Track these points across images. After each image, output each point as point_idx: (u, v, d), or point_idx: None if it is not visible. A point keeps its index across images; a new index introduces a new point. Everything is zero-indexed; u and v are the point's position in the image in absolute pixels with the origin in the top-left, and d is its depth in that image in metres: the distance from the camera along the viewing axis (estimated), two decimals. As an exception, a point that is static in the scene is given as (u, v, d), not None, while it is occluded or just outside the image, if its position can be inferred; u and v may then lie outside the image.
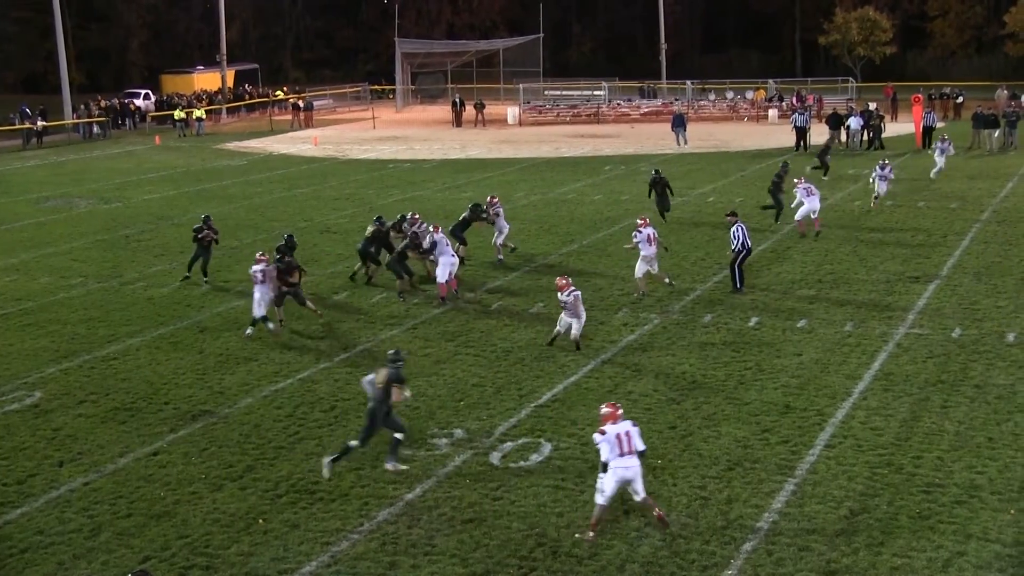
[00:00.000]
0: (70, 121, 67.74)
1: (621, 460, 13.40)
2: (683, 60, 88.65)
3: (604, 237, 31.85)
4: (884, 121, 53.98)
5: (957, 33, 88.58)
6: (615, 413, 13.75)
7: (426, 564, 13.12)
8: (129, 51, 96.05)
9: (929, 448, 16.00)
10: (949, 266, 26.91)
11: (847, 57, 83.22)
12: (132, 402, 19.10)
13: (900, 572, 12.60)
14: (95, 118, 68.34)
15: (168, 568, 13.03)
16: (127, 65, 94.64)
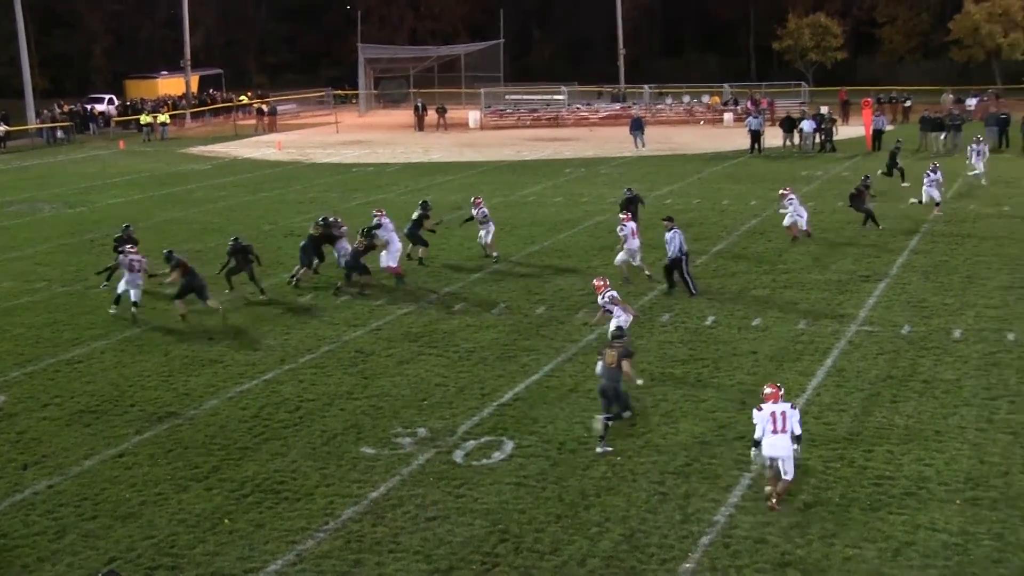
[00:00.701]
0: (34, 126, 67.11)
1: (772, 437, 13.89)
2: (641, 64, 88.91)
3: (565, 238, 31.92)
4: (836, 124, 54.39)
5: (905, 39, 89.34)
6: (776, 393, 14.21)
7: (391, 561, 13.11)
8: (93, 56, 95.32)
9: (880, 442, 16.15)
10: (898, 265, 27.15)
11: (800, 62, 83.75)
12: (97, 405, 18.96)
13: (852, 562, 12.72)
14: (59, 123, 67.76)
15: (134, 569, 12.94)
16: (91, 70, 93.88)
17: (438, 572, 12.83)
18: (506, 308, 24.27)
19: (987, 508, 13.96)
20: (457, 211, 35.23)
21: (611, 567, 12.81)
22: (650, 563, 12.86)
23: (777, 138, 53.06)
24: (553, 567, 12.85)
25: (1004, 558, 12.76)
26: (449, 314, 23.99)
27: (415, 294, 25.75)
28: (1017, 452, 15.63)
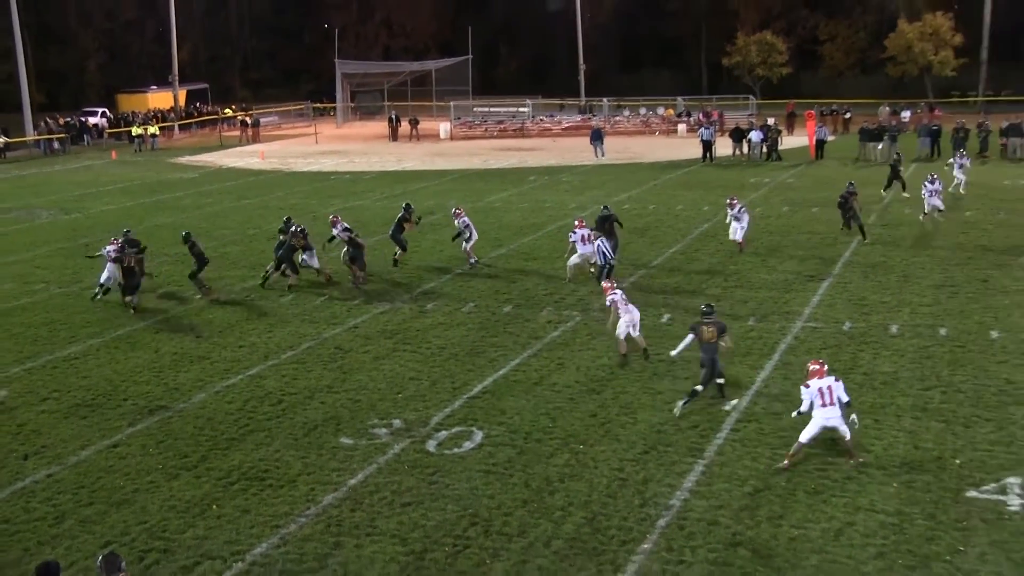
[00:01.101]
0: (31, 137, 66.68)
1: (823, 410, 14.64)
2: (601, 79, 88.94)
3: (530, 241, 31.95)
4: (781, 135, 54.67)
5: (844, 56, 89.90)
6: (821, 370, 14.92)
7: (368, 544, 13.11)
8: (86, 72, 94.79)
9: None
10: (840, 265, 27.31)
11: (748, 77, 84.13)
12: (93, 398, 18.88)
13: (797, 542, 12.82)
14: (55, 135, 67.31)
15: (128, 552, 12.89)
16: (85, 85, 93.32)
17: (413, 554, 12.83)
18: (475, 307, 24.28)
19: (921, 490, 14.10)
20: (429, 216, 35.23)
21: (574, 548, 12.85)
22: (610, 544, 12.92)
23: (727, 147, 53.30)
24: (520, 549, 12.88)
25: (936, 536, 12.90)
26: (422, 313, 23.98)
27: (390, 294, 25.72)
28: (949, 438, 15.78)
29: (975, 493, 14.00)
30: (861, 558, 12.43)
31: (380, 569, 12.54)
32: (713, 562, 12.43)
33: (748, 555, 12.56)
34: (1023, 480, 14.33)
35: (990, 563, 12.28)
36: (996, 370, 18.81)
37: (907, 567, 12.23)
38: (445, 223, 32.68)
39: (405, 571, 12.48)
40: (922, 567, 12.22)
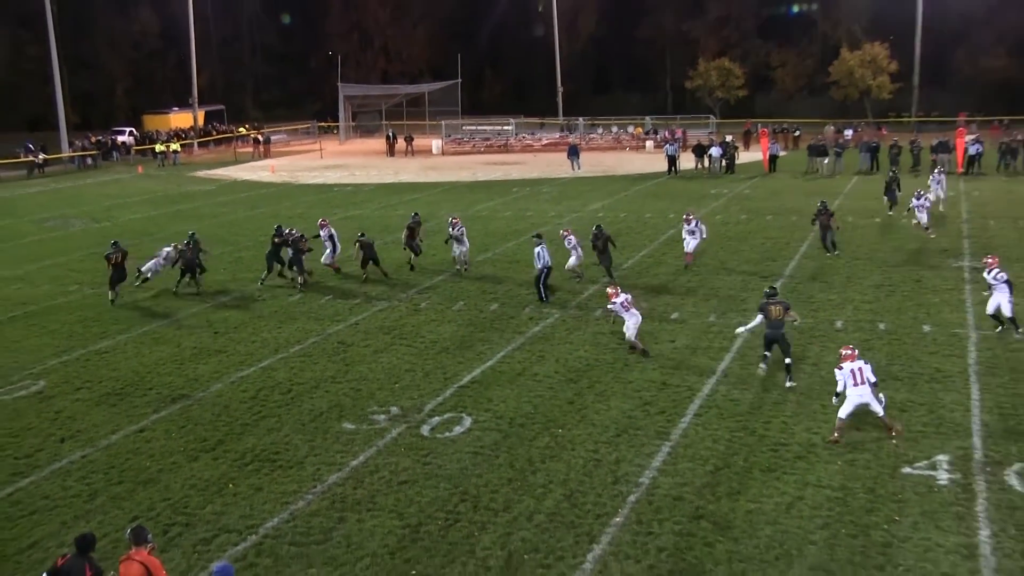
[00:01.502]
0: (66, 154, 66.43)
1: (855, 389, 15.08)
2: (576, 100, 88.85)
3: (513, 246, 31.96)
4: (738, 150, 54.77)
5: (794, 80, 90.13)
6: (852, 355, 15.36)
7: (369, 518, 13.12)
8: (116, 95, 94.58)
9: (776, 414, 16.33)
10: (791, 267, 27.41)
11: (708, 99, 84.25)
12: (121, 388, 18.84)
13: (753, 514, 12.87)
14: (87, 151, 67.05)
15: (154, 525, 12.88)
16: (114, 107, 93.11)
17: (409, 527, 12.84)
18: (464, 305, 24.28)
19: (862, 467, 14.18)
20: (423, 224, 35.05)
21: (554, 522, 12.88)
22: (586, 518, 12.95)
23: (690, 162, 53.39)
24: (505, 522, 12.90)
25: (875, 508, 12.98)
26: (416, 311, 23.96)
27: (388, 294, 25.70)
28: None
29: (909, 469, 14.09)
30: (809, 528, 12.50)
31: (380, 541, 12.54)
32: (678, 533, 12.48)
33: (709, 527, 12.61)
34: (951, 457, 14.44)
35: (921, 531, 12.37)
36: (928, 360, 18.92)
37: (850, 535, 12.30)
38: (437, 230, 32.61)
39: (402, 543, 12.49)
40: (863, 535, 12.30)
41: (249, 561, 12.16)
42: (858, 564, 11.67)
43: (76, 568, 9.96)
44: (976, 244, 29.97)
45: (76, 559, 10.04)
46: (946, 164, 48.55)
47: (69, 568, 9.97)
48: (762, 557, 11.87)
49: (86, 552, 10.09)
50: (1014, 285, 20.67)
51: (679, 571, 11.63)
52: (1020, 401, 16.66)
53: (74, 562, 10.02)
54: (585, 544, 12.29)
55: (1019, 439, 15.09)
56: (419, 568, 11.89)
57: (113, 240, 27.43)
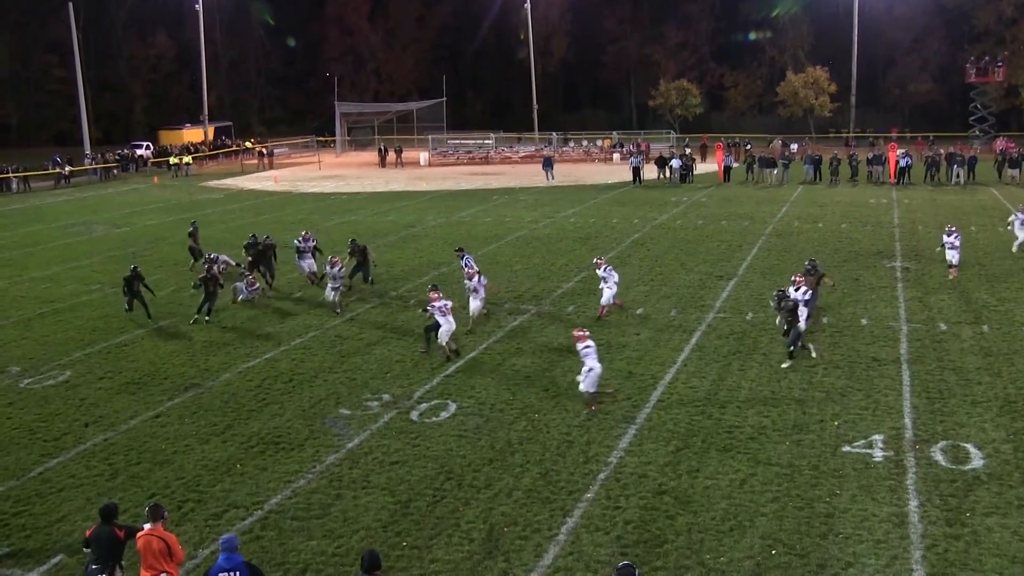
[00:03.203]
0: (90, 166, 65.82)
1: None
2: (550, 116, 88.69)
3: (493, 249, 31.88)
4: (695, 162, 54.86)
5: (745, 99, 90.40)
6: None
7: (363, 495, 13.06)
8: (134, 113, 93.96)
9: (731, 400, 16.37)
10: (744, 267, 27.50)
11: (668, 115, 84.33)
12: (139, 378, 18.66)
13: (710, 490, 12.89)
14: (109, 164, 66.50)
15: (169, 502, 12.79)
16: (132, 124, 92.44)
17: (399, 504, 12.79)
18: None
19: (807, 447, 14.24)
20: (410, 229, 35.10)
21: (531, 497, 12.86)
22: (560, 494, 12.94)
23: (653, 172, 53.47)
24: (487, 498, 12.87)
25: (819, 483, 13.03)
26: (406, 308, 23.86)
27: (380, 293, 25.57)
28: (829, 405, 15.94)
29: (848, 448, 14.16)
30: (760, 502, 12.53)
31: (373, 516, 12.48)
32: (643, 507, 12.48)
33: (671, 501, 12.62)
34: (885, 437, 14.52)
35: (859, 502, 12.44)
36: (865, 350, 19.01)
37: (796, 508, 12.34)
38: (424, 235, 32.55)
39: (393, 517, 12.43)
40: (807, 507, 12.34)
41: (255, 534, 12.08)
42: (803, 533, 11.70)
43: (104, 533, 10.11)
44: (907, 247, 30.17)
45: (103, 527, 10.17)
46: (880, 175, 49.07)
47: (98, 535, 10.13)
48: (718, 528, 11.88)
49: (110, 520, 10.18)
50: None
51: (644, 541, 11.63)
52: (945, 385, 16.78)
53: (101, 529, 10.16)
54: (559, 518, 12.27)
55: (944, 419, 15.20)
56: (409, 540, 11.84)
57: (206, 260, 25.69)
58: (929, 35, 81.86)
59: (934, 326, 20.65)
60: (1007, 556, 11.11)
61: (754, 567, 10.99)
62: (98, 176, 64.87)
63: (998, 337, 19.68)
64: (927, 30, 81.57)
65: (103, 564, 10.04)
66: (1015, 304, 22.43)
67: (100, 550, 10.05)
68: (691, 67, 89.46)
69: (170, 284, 27.26)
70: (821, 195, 44.23)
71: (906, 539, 11.53)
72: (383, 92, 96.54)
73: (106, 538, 10.06)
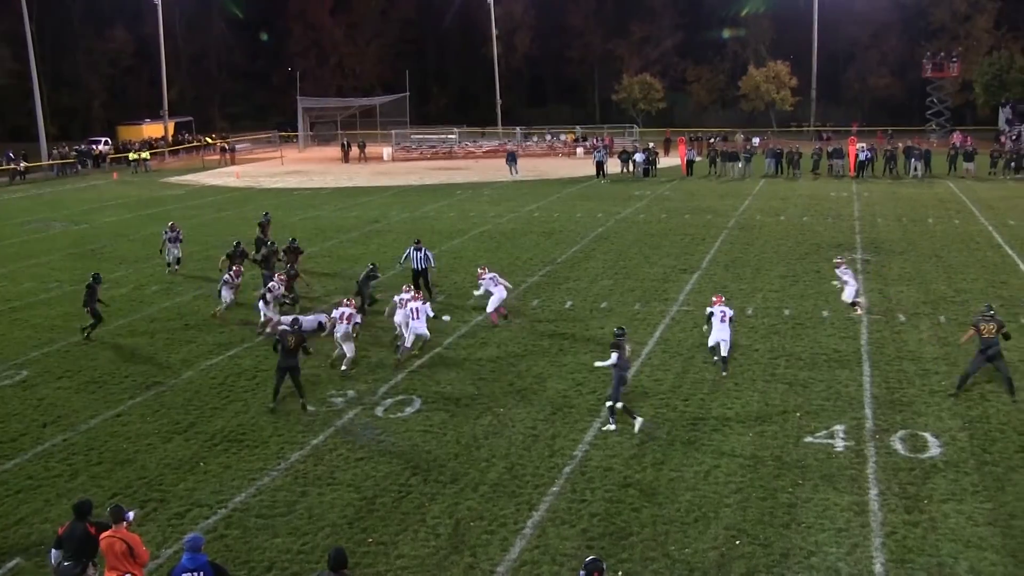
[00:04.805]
0: (46, 162, 64.67)
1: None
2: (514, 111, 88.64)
3: (458, 243, 31.84)
4: (659, 156, 55.09)
5: (708, 93, 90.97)
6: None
7: (329, 492, 13.00)
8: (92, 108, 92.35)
9: (695, 392, 16.49)
10: (707, 260, 27.67)
11: (632, 110, 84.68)
12: (100, 376, 18.40)
13: (675, 482, 12.98)
14: (66, 160, 65.46)
15: (131, 502, 12.64)
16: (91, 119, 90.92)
17: (365, 499, 12.75)
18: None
19: (770, 438, 14.38)
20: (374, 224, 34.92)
21: (497, 492, 12.88)
22: (526, 488, 12.96)
23: (616, 166, 53.66)
24: (453, 493, 12.87)
25: (781, 473, 13.16)
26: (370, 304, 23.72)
27: (344, 290, 25.36)
28: (791, 397, 16.12)
29: (811, 439, 14.32)
30: (724, 493, 12.64)
31: (339, 512, 12.43)
32: (608, 500, 12.54)
33: (636, 494, 12.69)
34: (846, 427, 14.71)
35: (821, 492, 12.59)
36: (827, 342, 19.24)
37: (759, 499, 12.46)
38: (388, 230, 32.42)
39: (359, 513, 12.39)
40: (771, 498, 12.47)
41: (219, 533, 11.98)
42: (767, 523, 11.83)
43: (78, 530, 9.99)
44: (867, 239, 30.55)
45: (76, 523, 10.05)
46: (840, 168, 49.63)
47: (71, 532, 10.01)
48: (683, 519, 11.97)
49: (84, 516, 10.06)
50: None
51: (609, 534, 11.69)
52: (904, 376, 17.03)
53: (75, 526, 10.04)
54: (525, 512, 12.30)
55: (903, 409, 15.43)
56: (375, 536, 11.81)
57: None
58: (887, 31, 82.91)
59: (893, 317, 20.94)
60: (962, 541, 11.32)
61: (718, 558, 11.09)
62: (55, 172, 63.85)
63: (955, 328, 19.98)
64: (885, 26, 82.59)
65: (76, 561, 9.94)
66: (971, 295, 22.81)
67: (73, 547, 9.95)
68: (654, 62, 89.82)
69: (131, 281, 26.91)
70: (783, 188, 44.63)
71: (866, 527, 11.69)
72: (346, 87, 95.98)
73: (80, 535, 9.95)
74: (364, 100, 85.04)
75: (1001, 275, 24.95)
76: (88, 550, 9.98)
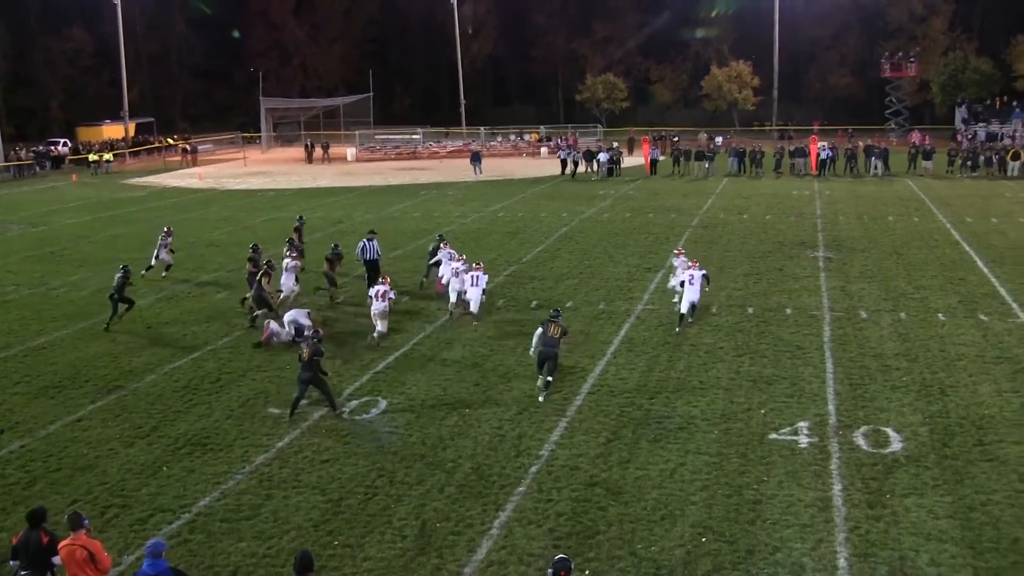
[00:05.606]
0: (3, 164, 63.61)
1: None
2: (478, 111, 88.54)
3: (423, 244, 31.64)
4: (622, 155, 55.33)
5: (671, 92, 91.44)
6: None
7: (294, 495, 12.89)
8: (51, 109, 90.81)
9: (660, 391, 16.55)
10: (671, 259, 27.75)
11: (596, 109, 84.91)
12: (59, 381, 18.11)
13: (641, 480, 13.01)
14: (24, 161, 64.40)
15: (92, 508, 12.46)
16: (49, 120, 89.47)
17: (331, 502, 12.67)
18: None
19: (735, 435, 14.47)
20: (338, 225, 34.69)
21: (463, 492, 12.84)
22: (492, 488, 12.94)
23: (581, 166, 53.75)
24: (419, 495, 12.82)
25: (746, 470, 13.25)
26: (335, 304, 23.63)
27: (306, 292, 25.19)
28: (755, 394, 16.23)
29: (775, 436, 14.44)
30: (690, 490, 12.70)
31: (304, 515, 12.33)
32: (575, 499, 12.55)
33: (603, 492, 12.72)
34: (810, 423, 14.84)
35: (785, 488, 12.69)
36: (790, 339, 19.40)
37: (725, 496, 12.54)
38: (352, 230, 32.19)
39: (325, 516, 12.30)
40: (736, 495, 12.55)
41: (183, 538, 11.83)
42: (732, 520, 11.90)
43: (33, 539, 9.82)
44: (829, 237, 30.86)
45: (30, 532, 9.87)
46: (802, 167, 50.14)
47: (26, 541, 9.84)
48: (649, 518, 12.01)
49: (38, 525, 9.89)
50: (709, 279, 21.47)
51: (576, 533, 11.70)
52: (866, 372, 17.22)
53: (29, 535, 9.87)
54: (492, 512, 12.28)
55: (865, 404, 15.61)
56: (341, 539, 11.73)
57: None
58: (847, 31, 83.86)
59: (855, 314, 21.17)
60: (923, 534, 11.47)
61: (685, 555, 11.14)
62: (12, 174, 62.80)
63: (915, 324, 20.26)
64: (845, 25, 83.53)
65: (33, 571, 9.77)
66: (930, 292, 23.13)
67: (28, 557, 9.78)
68: (617, 61, 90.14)
69: (92, 284, 26.52)
70: (746, 187, 44.98)
71: (830, 522, 11.80)
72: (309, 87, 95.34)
73: (34, 544, 9.78)
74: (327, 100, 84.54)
75: (959, 272, 25.33)
76: (44, 559, 9.81)
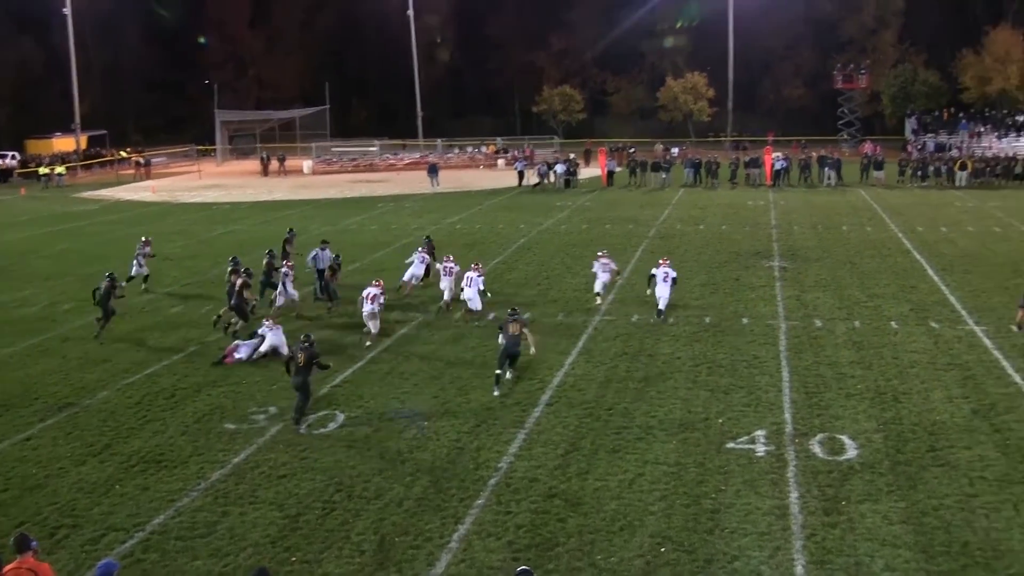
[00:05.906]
0: (-53, 177, 62.46)
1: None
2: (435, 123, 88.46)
3: (380, 256, 31.62)
4: (579, 167, 55.58)
5: (627, 104, 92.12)
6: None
7: (251, 511, 12.74)
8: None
9: (619, 401, 16.60)
10: (628, 270, 27.91)
11: (552, 121, 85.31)
12: (7, 399, 17.70)
13: (600, 491, 13.04)
14: (-31, 175, 63.23)
15: (40, 529, 12.18)
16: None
17: (288, 518, 12.53)
18: (335, 311, 23.84)
19: (693, 445, 14.56)
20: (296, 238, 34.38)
21: (422, 506, 12.77)
22: (451, 501, 12.89)
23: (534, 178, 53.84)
24: (378, 509, 12.73)
25: (705, 480, 13.33)
26: (292, 318, 23.41)
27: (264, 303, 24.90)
28: (713, 403, 16.35)
29: (733, 444, 14.54)
30: (649, 500, 12.75)
31: (262, 531, 12.19)
32: (534, 511, 12.54)
33: (562, 504, 12.72)
34: (767, 432, 14.98)
35: (743, 497, 12.78)
36: (747, 348, 19.58)
37: (684, 505, 12.60)
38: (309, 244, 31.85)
39: (282, 532, 12.17)
40: (695, 504, 12.62)
41: (136, 557, 11.63)
42: (691, 529, 11.96)
43: None
44: (784, 246, 31.24)
45: None
46: (757, 178, 50.76)
47: None
48: (608, 528, 12.03)
49: None
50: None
51: (536, 545, 11.68)
52: (821, 380, 17.43)
53: None
54: (451, 525, 12.22)
55: (821, 412, 15.79)
56: (299, 555, 11.60)
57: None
58: (800, 42, 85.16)
59: (810, 323, 21.43)
60: (878, 540, 11.61)
61: (644, 565, 11.17)
62: (-43, 188, 61.65)
63: (869, 332, 20.55)
64: (798, 37, 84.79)
65: None
66: (883, 300, 23.49)
67: None
68: (574, 73, 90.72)
69: (42, 300, 26.05)
70: (702, 198, 45.43)
71: (787, 530, 11.90)
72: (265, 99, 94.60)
73: None
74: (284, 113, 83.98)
75: (911, 280, 25.76)
76: None
